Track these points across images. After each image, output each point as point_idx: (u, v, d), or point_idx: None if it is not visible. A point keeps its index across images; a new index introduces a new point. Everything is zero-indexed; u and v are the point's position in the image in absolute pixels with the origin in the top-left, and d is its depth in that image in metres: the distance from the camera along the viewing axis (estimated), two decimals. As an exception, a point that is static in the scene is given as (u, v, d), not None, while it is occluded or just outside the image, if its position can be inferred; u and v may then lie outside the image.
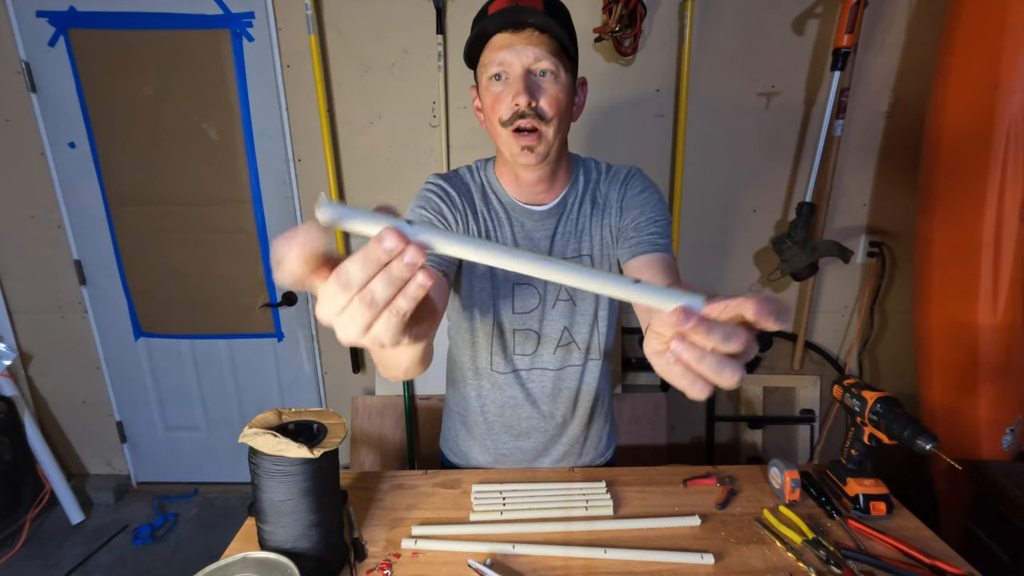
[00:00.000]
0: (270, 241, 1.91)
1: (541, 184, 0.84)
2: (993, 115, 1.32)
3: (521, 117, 0.74)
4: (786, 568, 0.73)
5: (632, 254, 0.81)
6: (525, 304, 0.89)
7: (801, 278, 1.74)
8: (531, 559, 0.76)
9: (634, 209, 0.85)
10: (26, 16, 1.74)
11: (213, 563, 0.66)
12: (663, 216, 0.84)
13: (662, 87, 1.73)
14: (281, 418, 0.75)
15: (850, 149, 1.75)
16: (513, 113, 0.74)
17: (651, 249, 0.80)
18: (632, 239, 0.82)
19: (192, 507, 2.14)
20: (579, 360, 0.93)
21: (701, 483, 0.92)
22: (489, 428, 0.98)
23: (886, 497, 0.84)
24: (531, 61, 0.73)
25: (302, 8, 1.64)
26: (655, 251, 0.80)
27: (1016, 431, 1.47)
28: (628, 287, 0.32)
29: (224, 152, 1.85)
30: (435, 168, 1.81)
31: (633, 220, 0.84)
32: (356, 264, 0.29)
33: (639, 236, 0.82)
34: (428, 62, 1.71)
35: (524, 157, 0.76)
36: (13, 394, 1.99)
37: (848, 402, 0.87)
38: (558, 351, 0.92)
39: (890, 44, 1.67)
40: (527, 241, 0.87)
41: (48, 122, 1.84)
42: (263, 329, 2.04)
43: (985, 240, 1.38)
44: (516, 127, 0.75)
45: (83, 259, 1.99)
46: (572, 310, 0.90)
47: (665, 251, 0.81)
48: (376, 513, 0.86)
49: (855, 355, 1.93)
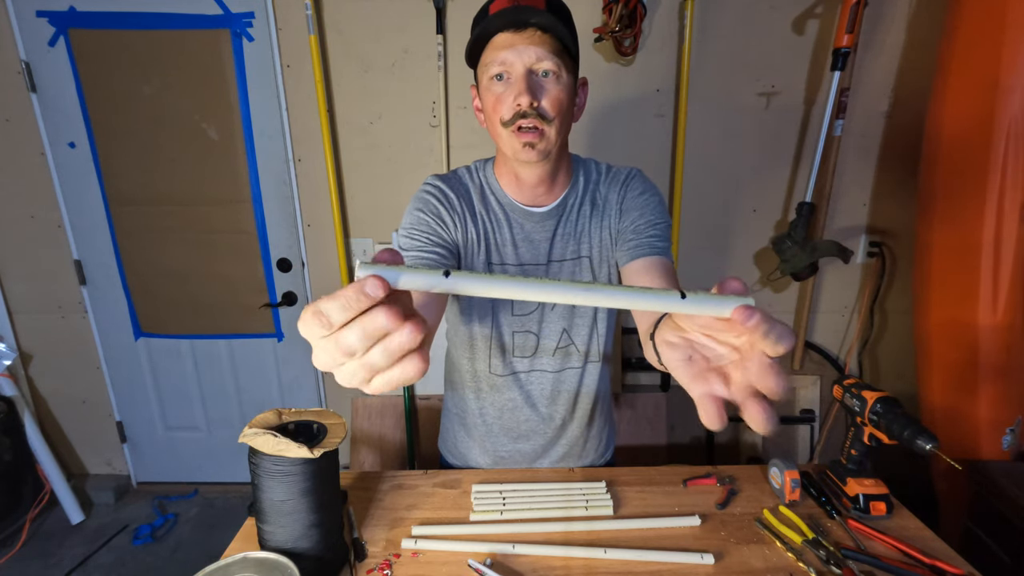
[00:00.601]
0: (270, 241, 1.93)
1: (542, 185, 0.84)
2: (993, 115, 1.32)
3: (523, 117, 0.73)
4: (786, 568, 0.73)
5: (631, 257, 0.81)
6: (524, 306, 0.88)
7: (801, 278, 1.74)
8: (531, 559, 0.76)
9: (634, 211, 0.84)
10: (26, 16, 1.74)
11: (213, 563, 0.66)
12: (663, 219, 0.84)
13: (662, 87, 1.73)
14: (281, 418, 0.75)
15: (850, 149, 1.75)
16: (515, 113, 0.73)
17: (650, 252, 0.80)
18: (631, 241, 0.82)
19: (192, 507, 2.14)
20: (578, 362, 0.93)
21: (701, 483, 0.92)
22: (488, 430, 0.98)
23: (886, 497, 0.84)
24: (533, 61, 0.72)
25: (302, 8, 1.64)
26: (654, 254, 0.80)
27: (1016, 431, 1.47)
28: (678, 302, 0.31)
29: (224, 152, 1.85)
30: (435, 168, 1.81)
31: (632, 223, 0.84)
32: (354, 334, 0.28)
33: (638, 239, 0.82)
34: (428, 62, 1.71)
35: (525, 154, 0.76)
36: (13, 394, 1.99)
37: (848, 402, 0.87)
38: (557, 353, 0.91)
39: (890, 44, 1.67)
40: (526, 243, 0.87)
41: (48, 122, 1.84)
42: (263, 329, 2.04)
43: (985, 240, 1.37)
44: (518, 127, 0.74)
45: (83, 259, 1.99)
46: (571, 312, 0.89)
47: (664, 254, 0.81)
48: (376, 513, 0.86)
49: (855, 355, 1.93)
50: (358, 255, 1.90)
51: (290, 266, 1.97)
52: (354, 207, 1.87)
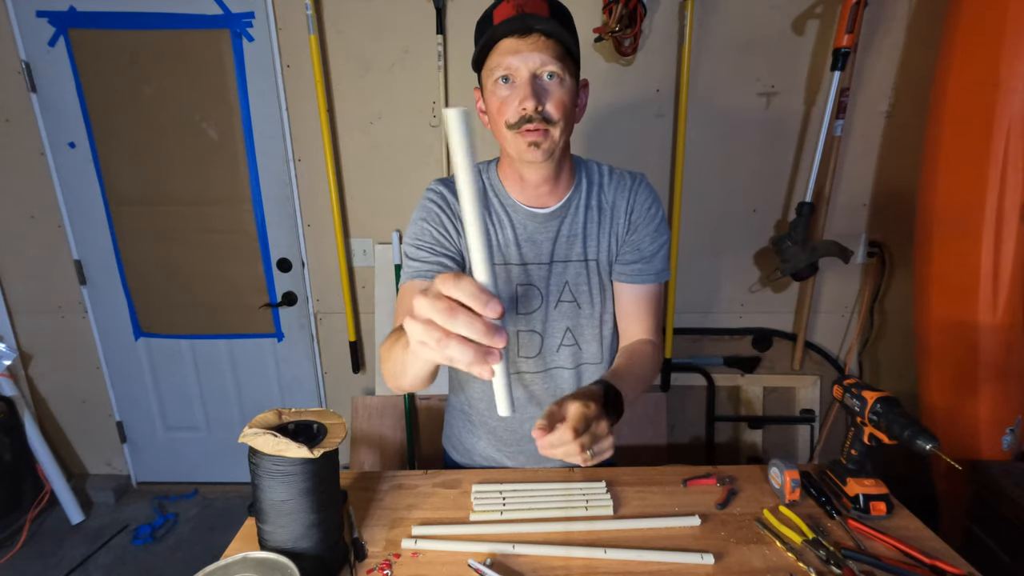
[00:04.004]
0: (270, 241, 1.93)
1: (545, 185, 0.85)
2: (993, 115, 1.32)
3: (528, 121, 0.75)
4: (786, 568, 0.73)
5: (632, 280, 0.89)
6: (528, 305, 0.89)
7: (801, 278, 1.74)
8: (531, 559, 0.76)
9: (643, 229, 0.88)
10: (26, 16, 1.73)
11: (213, 563, 0.66)
12: (665, 234, 0.91)
13: (662, 87, 1.73)
14: (281, 418, 0.75)
15: (850, 149, 1.75)
16: (521, 117, 0.76)
17: (651, 280, 0.89)
18: (635, 265, 0.89)
19: (192, 507, 2.14)
20: (582, 361, 0.93)
21: (701, 483, 0.92)
22: (492, 430, 0.98)
23: (886, 497, 0.84)
24: (538, 66, 0.74)
25: (302, 8, 1.64)
26: (655, 282, 0.90)
27: (1016, 431, 1.47)
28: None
29: (224, 152, 1.85)
30: (435, 168, 1.81)
31: (638, 244, 0.89)
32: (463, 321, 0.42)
33: (643, 264, 0.89)
34: (428, 62, 1.71)
35: (531, 154, 0.77)
36: (13, 394, 1.99)
37: (848, 402, 0.87)
38: (561, 351, 0.92)
39: (890, 44, 1.67)
40: (529, 243, 0.88)
41: (48, 122, 1.84)
42: (263, 329, 2.04)
43: (985, 240, 1.38)
44: (524, 130, 0.76)
45: (83, 259, 1.99)
46: (576, 312, 0.90)
47: (661, 278, 0.90)
48: (376, 513, 0.86)
49: (855, 355, 1.93)
50: (358, 255, 1.90)
51: (290, 266, 1.97)
52: (354, 207, 1.87)
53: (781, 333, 1.94)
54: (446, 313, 0.42)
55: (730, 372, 1.97)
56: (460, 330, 0.42)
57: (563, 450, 0.59)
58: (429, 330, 0.43)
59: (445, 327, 0.42)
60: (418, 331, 0.43)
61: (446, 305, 0.42)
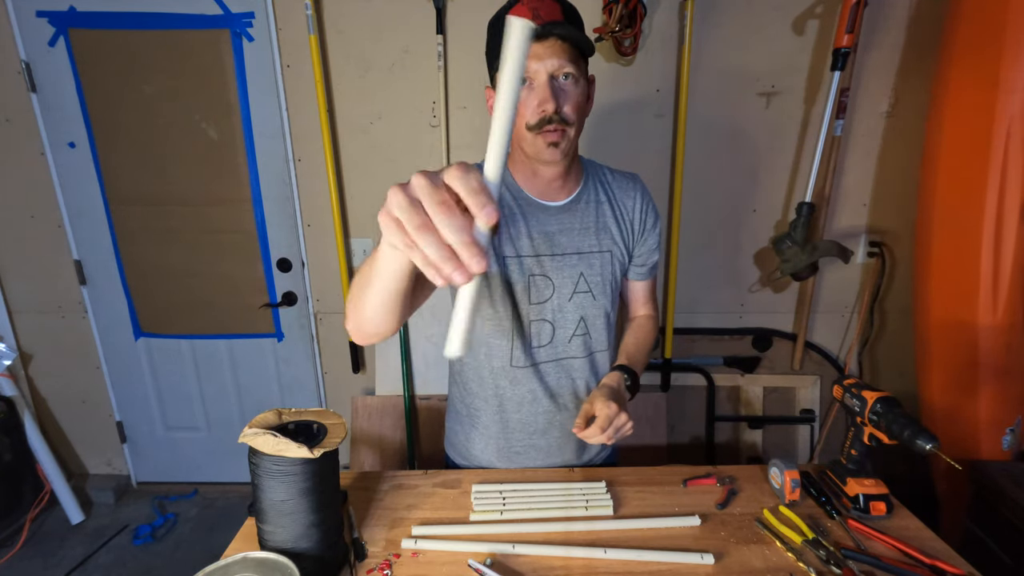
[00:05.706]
0: (270, 241, 1.93)
1: (558, 180, 0.89)
2: (993, 115, 1.32)
3: (548, 123, 0.79)
4: (786, 568, 0.73)
5: (640, 278, 1.02)
6: (540, 295, 0.90)
7: (801, 278, 1.74)
8: (531, 559, 0.76)
9: (651, 233, 0.98)
10: (26, 16, 1.74)
11: (213, 563, 0.66)
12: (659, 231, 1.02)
13: (662, 87, 1.73)
14: (281, 418, 0.75)
15: (850, 149, 1.75)
16: (540, 119, 0.80)
17: (651, 275, 1.03)
18: (644, 267, 1.00)
19: (192, 507, 2.14)
20: (593, 349, 0.95)
21: (701, 483, 0.92)
22: (504, 427, 0.97)
23: (886, 497, 0.84)
24: (555, 68, 0.78)
25: (302, 8, 1.64)
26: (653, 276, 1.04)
27: (1016, 431, 1.47)
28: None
29: (224, 152, 1.85)
30: (435, 168, 1.81)
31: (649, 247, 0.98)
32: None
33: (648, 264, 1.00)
34: (428, 62, 1.71)
35: (550, 154, 0.82)
36: (13, 394, 1.99)
37: (848, 402, 0.87)
38: (574, 340, 0.93)
39: (890, 44, 1.67)
40: (542, 235, 0.89)
41: (48, 122, 1.84)
42: (263, 329, 2.04)
43: (985, 240, 1.38)
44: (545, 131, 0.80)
45: (83, 259, 1.99)
46: (592, 302, 0.93)
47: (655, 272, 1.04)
48: (376, 513, 0.86)
49: (855, 355, 1.93)
50: (358, 255, 1.90)
51: (290, 266, 1.97)
52: (354, 207, 1.87)
53: (781, 333, 1.94)
54: (437, 202, 0.36)
55: (730, 372, 1.97)
56: (443, 227, 0.36)
57: (594, 440, 0.78)
58: (411, 213, 0.37)
59: (430, 215, 0.36)
60: (398, 207, 0.37)
61: (441, 198, 0.36)
